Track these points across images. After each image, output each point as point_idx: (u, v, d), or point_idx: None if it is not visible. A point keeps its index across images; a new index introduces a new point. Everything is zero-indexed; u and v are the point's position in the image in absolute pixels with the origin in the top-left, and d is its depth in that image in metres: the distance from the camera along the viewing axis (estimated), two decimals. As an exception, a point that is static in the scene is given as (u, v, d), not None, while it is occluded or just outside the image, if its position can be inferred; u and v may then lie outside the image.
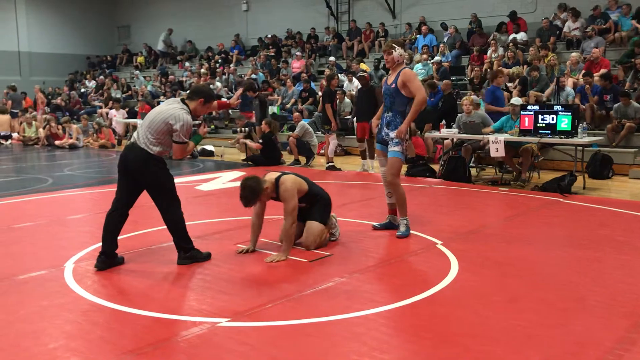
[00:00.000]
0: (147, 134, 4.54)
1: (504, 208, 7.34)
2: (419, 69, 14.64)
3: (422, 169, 9.79)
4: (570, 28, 13.98)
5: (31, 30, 24.27)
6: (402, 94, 5.47)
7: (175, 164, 12.02)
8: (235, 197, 7.84)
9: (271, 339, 3.29)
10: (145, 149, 4.52)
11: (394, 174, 5.59)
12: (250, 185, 4.80)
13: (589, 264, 4.73)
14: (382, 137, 5.71)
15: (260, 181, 4.87)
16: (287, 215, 4.92)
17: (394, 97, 5.53)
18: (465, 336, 3.30)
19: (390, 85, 5.54)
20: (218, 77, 19.44)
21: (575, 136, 8.22)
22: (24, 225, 6.26)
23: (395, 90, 5.50)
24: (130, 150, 4.60)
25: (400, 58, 5.56)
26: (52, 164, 12.60)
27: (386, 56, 5.59)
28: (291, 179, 5.01)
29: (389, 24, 18.27)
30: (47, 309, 3.76)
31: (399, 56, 5.55)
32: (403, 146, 5.57)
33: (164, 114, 4.53)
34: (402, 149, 5.56)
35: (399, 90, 5.47)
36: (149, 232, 5.84)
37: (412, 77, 5.44)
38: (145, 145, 4.52)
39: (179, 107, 4.59)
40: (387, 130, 5.60)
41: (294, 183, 4.99)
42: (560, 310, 3.70)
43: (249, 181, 4.83)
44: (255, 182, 4.83)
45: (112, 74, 23.79)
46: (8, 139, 17.42)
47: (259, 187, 4.81)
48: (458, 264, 4.66)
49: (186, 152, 4.66)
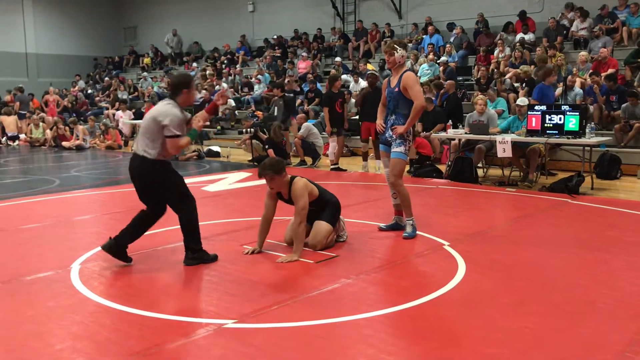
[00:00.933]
0: (143, 139, 4.57)
1: (511, 209, 7.30)
2: (425, 69, 14.61)
3: (428, 169, 9.77)
4: (578, 27, 13.91)
5: (38, 31, 24.38)
6: (405, 97, 5.46)
7: (182, 164, 12.03)
8: (242, 197, 7.85)
9: (277, 341, 3.27)
10: (144, 155, 4.53)
11: (396, 174, 5.58)
12: (274, 159, 5.14)
13: (597, 265, 4.70)
14: (385, 139, 5.70)
15: (284, 165, 5.05)
16: (296, 214, 4.93)
17: (397, 100, 5.52)
18: (472, 338, 3.28)
19: (394, 88, 5.53)
20: (224, 77, 19.47)
21: (583, 136, 8.18)
22: (31, 226, 6.28)
23: (398, 94, 5.48)
24: (132, 160, 4.66)
25: (402, 59, 5.54)
26: (59, 165, 12.64)
27: (387, 57, 5.57)
28: (304, 181, 5.10)
29: (395, 24, 18.25)
30: (54, 310, 3.76)
31: (401, 57, 5.53)
32: (406, 146, 5.56)
33: (153, 113, 4.58)
34: (405, 149, 5.56)
35: (402, 93, 5.46)
36: (157, 233, 5.83)
37: (412, 83, 5.41)
38: (143, 152, 4.54)
39: (165, 103, 4.64)
40: (391, 132, 5.59)
41: (306, 185, 5.08)
42: (569, 312, 3.67)
43: (274, 159, 5.19)
44: (279, 160, 5.10)
45: (118, 75, 23.86)
46: (15, 140, 17.51)
47: (281, 164, 4.99)
48: (465, 265, 4.63)
49: (180, 146, 4.60)
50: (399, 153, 5.54)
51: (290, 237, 5.16)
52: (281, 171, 4.91)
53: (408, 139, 5.57)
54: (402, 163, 5.57)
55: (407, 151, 5.60)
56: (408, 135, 5.55)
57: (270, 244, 5.24)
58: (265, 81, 17.61)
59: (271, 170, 4.88)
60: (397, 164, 5.56)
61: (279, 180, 4.93)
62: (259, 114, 15.54)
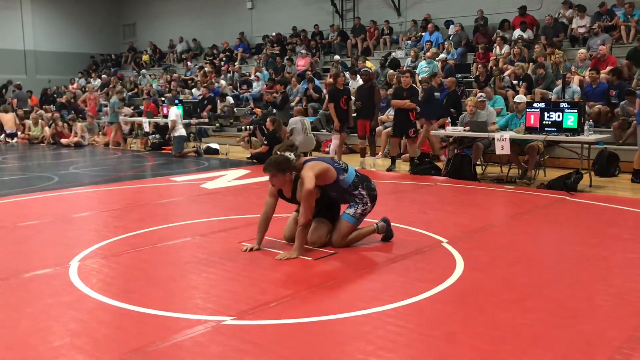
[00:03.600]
0: None
1: (510, 206, 7.31)
2: (424, 66, 14.60)
3: (427, 166, 9.77)
4: (577, 25, 13.90)
5: (36, 28, 24.34)
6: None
7: (180, 161, 12.03)
8: (241, 195, 7.84)
9: (276, 337, 3.27)
10: None
11: (342, 236, 5.06)
12: (281, 157, 4.83)
13: (596, 262, 4.70)
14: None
15: (290, 158, 4.86)
16: (301, 208, 4.82)
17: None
18: (471, 335, 3.28)
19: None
20: (223, 75, 19.45)
21: (581, 134, 8.18)
22: (29, 223, 6.27)
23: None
24: None
25: (289, 176, 4.92)
26: (57, 162, 12.62)
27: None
28: (317, 162, 4.95)
29: (394, 21, 18.24)
30: (53, 307, 3.76)
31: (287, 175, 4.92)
32: (357, 209, 5.07)
33: None
34: (355, 211, 5.06)
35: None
36: (155, 230, 5.83)
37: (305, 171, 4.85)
38: None
39: None
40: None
41: (316, 166, 4.88)
42: (568, 309, 3.67)
43: (282, 156, 4.85)
44: (286, 159, 4.84)
45: (117, 72, 23.82)
46: (14, 137, 17.48)
47: (287, 163, 4.81)
48: (464, 262, 4.63)
49: None
50: (348, 215, 5.08)
51: (289, 234, 5.15)
52: (285, 170, 4.82)
53: (363, 201, 5.09)
54: (349, 227, 5.07)
55: (357, 215, 5.07)
56: (363, 197, 5.10)
57: (269, 241, 5.23)
58: (263, 78, 17.59)
59: (275, 167, 4.80)
60: (344, 227, 5.06)
61: (282, 178, 4.87)
62: (258, 111, 15.53)
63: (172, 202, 7.72)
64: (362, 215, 5.14)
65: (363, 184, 5.16)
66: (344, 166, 5.18)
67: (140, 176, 10.28)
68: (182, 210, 7.16)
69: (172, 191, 8.58)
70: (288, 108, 13.19)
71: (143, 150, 14.53)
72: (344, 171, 5.10)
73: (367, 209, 5.17)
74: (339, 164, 5.19)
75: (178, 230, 5.86)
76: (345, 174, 5.08)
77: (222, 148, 13.54)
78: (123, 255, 4.95)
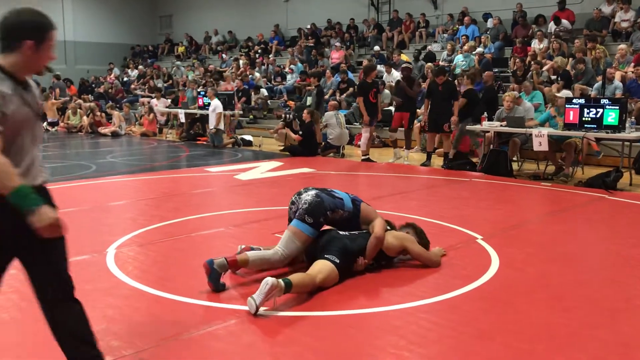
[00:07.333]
0: None
1: (546, 203, 7.18)
2: (460, 60, 14.39)
3: (462, 162, 9.65)
4: (621, 19, 13.52)
5: (77, 20, 24.84)
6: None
7: (215, 152, 12.14)
8: (274, 187, 7.85)
9: (309, 329, 3.29)
10: None
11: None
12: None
13: (635, 262, 4.58)
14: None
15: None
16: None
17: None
18: (505, 333, 3.24)
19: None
20: (257, 67, 19.53)
21: (622, 131, 7.97)
22: (68, 210, 6.40)
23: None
24: None
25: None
26: (95, 151, 12.88)
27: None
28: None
29: (430, 14, 18.03)
30: (90, 293, 3.83)
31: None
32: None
33: None
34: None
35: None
36: (190, 220, 5.91)
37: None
38: None
39: None
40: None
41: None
42: (606, 309, 3.59)
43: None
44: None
45: (153, 63, 24.14)
46: (55, 125, 17.91)
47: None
48: (499, 259, 4.57)
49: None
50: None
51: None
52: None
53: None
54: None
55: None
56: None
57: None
58: (297, 71, 17.60)
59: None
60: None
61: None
62: (291, 103, 15.55)
63: (207, 192, 7.81)
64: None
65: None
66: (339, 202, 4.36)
67: (175, 166, 10.42)
68: (216, 200, 7.24)
69: (206, 181, 8.68)
70: (322, 102, 13.15)
71: (178, 140, 14.71)
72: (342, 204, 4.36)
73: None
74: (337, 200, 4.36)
75: (212, 220, 5.92)
76: (344, 204, 4.36)
77: (256, 140, 13.61)
78: (158, 243, 5.03)
